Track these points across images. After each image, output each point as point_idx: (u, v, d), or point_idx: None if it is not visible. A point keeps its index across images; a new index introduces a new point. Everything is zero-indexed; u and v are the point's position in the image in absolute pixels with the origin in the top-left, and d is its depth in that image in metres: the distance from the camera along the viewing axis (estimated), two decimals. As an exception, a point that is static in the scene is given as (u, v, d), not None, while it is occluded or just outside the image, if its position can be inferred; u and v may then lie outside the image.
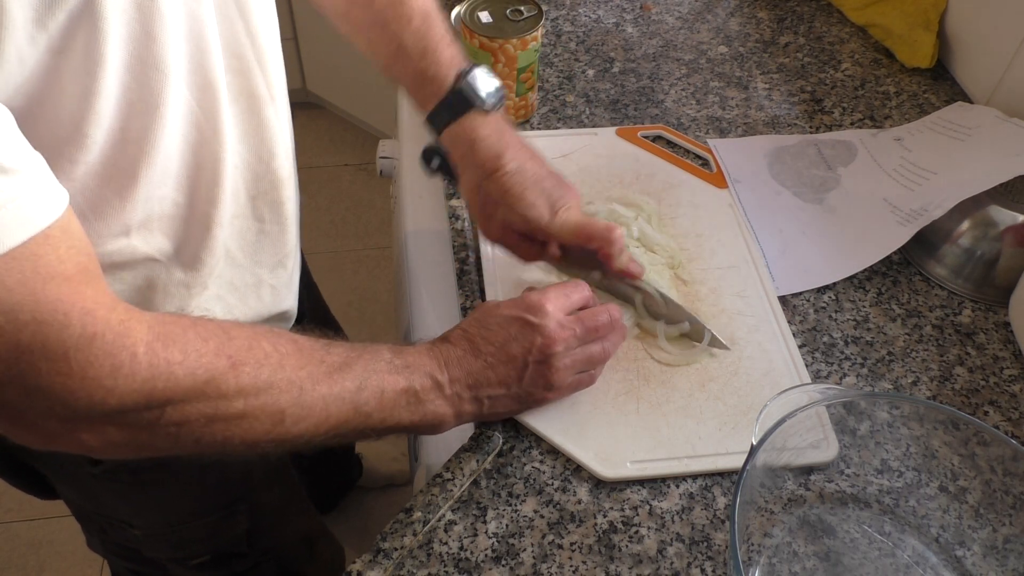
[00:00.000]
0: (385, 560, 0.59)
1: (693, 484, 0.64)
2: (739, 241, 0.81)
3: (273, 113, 0.63)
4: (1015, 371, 0.72)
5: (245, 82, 0.59)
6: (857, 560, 0.59)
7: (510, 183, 0.67)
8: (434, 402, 0.60)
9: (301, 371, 0.54)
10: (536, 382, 0.63)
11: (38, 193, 0.43)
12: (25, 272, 0.42)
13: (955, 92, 0.99)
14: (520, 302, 0.64)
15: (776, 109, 0.97)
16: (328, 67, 2.17)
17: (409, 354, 0.60)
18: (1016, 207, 0.76)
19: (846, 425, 0.63)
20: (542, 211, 0.68)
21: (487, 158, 0.68)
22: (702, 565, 0.60)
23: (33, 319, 0.43)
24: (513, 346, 0.62)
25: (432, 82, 0.69)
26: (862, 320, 0.76)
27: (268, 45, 0.61)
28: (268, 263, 0.68)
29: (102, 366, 0.45)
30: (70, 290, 0.44)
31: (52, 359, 0.44)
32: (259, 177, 0.64)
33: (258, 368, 0.52)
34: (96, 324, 0.45)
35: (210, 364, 0.49)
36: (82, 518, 0.86)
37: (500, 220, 0.70)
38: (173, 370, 0.48)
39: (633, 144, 0.90)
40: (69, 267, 0.44)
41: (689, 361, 0.70)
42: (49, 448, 0.49)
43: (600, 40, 1.06)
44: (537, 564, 0.59)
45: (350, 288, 1.94)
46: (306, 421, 0.54)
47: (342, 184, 2.18)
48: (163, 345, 0.48)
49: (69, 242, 0.45)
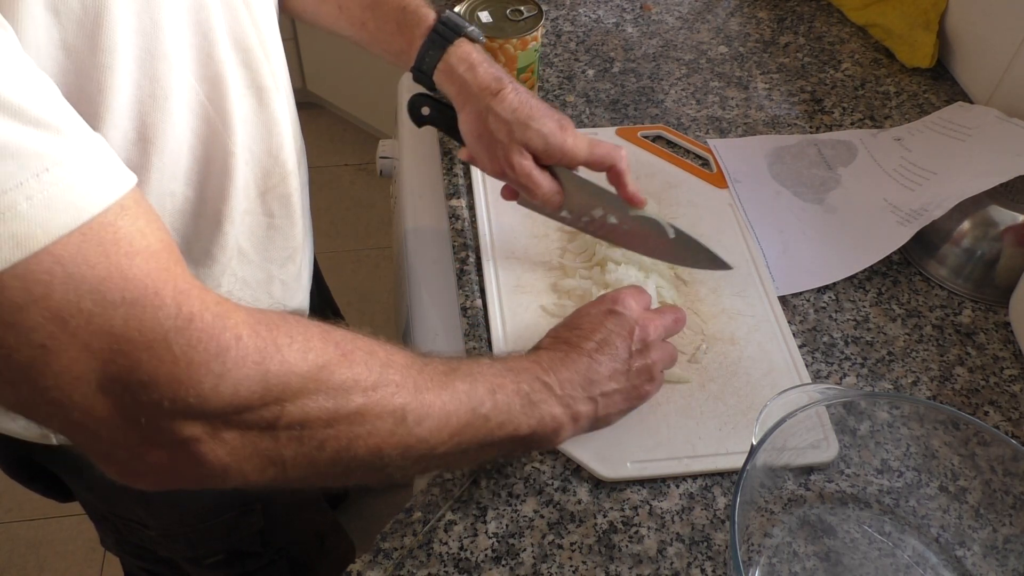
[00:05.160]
0: (385, 560, 0.59)
1: (693, 484, 0.64)
2: (739, 241, 0.81)
3: (279, 105, 0.62)
4: (1015, 371, 0.72)
5: (253, 74, 0.58)
6: (857, 560, 0.59)
7: (519, 101, 0.66)
8: (547, 402, 0.57)
9: (411, 368, 0.50)
10: (641, 373, 0.62)
11: (108, 162, 0.39)
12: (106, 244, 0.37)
13: (955, 92, 0.99)
14: (601, 300, 0.63)
15: (776, 109, 0.97)
16: (328, 67, 2.17)
17: (509, 360, 0.58)
18: (1016, 207, 0.76)
19: (846, 425, 0.63)
20: (554, 128, 0.67)
21: (489, 80, 0.66)
22: (702, 565, 0.60)
23: (123, 300, 0.38)
24: (614, 338, 0.61)
25: (415, 16, 0.68)
26: (862, 320, 0.76)
27: (270, 35, 0.60)
28: (278, 258, 0.68)
29: (207, 349, 0.40)
30: (158, 266, 0.39)
31: (151, 346, 0.38)
32: (268, 172, 0.63)
33: (369, 360, 0.47)
34: (192, 303, 0.40)
35: (320, 349, 0.45)
36: (96, 518, 0.86)
37: (514, 144, 0.67)
38: (283, 352, 0.43)
39: (633, 144, 0.90)
40: (153, 242, 0.40)
41: (682, 379, 0.69)
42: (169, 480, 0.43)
43: (600, 40, 1.05)
44: (537, 564, 0.59)
45: (350, 288, 1.94)
46: (428, 420, 0.49)
47: (342, 184, 2.18)
48: (267, 328, 0.43)
49: (147, 215, 0.41)
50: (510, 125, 0.66)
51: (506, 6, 0.86)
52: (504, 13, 0.86)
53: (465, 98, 0.68)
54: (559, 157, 0.68)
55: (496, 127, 0.67)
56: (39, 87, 0.38)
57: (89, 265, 0.37)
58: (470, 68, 0.67)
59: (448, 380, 0.52)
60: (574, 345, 0.60)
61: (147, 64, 0.48)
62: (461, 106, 0.69)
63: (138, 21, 0.47)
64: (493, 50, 0.84)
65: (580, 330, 0.61)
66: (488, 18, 0.86)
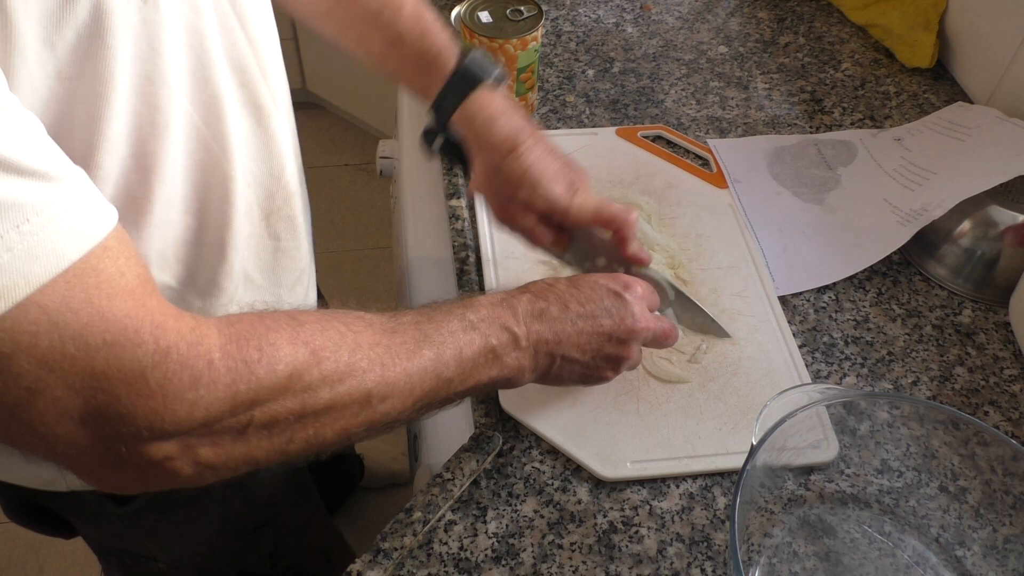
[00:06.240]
0: (385, 560, 0.59)
1: (693, 484, 0.64)
2: (739, 241, 0.81)
3: (280, 124, 0.60)
4: (1015, 371, 0.72)
5: (250, 94, 0.57)
6: (857, 560, 0.59)
7: (530, 162, 0.66)
8: (510, 354, 0.57)
9: (378, 347, 0.51)
10: (608, 359, 0.61)
11: (90, 203, 0.40)
12: (89, 290, 0.38)
13: (955, 92, 0.99)
14: (617, 277, 0.62)
15: (776, 109, 0.97)
16: (328, 67, 2.17)
17: (482, 306, 0.57)
18: (1016, 207, 0.76)
19: (846, 425, 0.63)
20: (562, 191, 0.66)
21: (504, 137, 0.66)
22: (702, 565, 0.60)
23: (104, 342, 0.39)
24: (604, 317, 0.60)
25: (435, 62, 0.67)
26: (862, 320, 0.76)
27: (269, 53, 0.59)
28: (287, 282, 0.66)
29: (181, 380, 0.42)
30: (136, 304, 0.41)
31: (130, 382, 0.40)
32: (271, 194, 0.61)
33: (337, 352, 0.49)
34: (168, 336, 0.42)
35: (289, 356, 0.46)
36: (101, 553, 0.84)
37: (521, 201, 0.67)
38: (253, 369, 0.45)
39: (633, 144, 0.90)
40: (131, 279, 0.41)
41: (682, 379, 0.70)
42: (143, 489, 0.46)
43: (600, 40, 1.05)
44: (537, 564, 0.59)
45: (350, 288, 1.94)
46: (392, 398, 0.51)
47: (342, 184, 2.18)
48: (237, 346, 0.45)
49: (127, 253, 0.41)
50: (518, 185, 0.66)
51: (506, 6, 0.86)
52: (504, 13, 0.86)
53: (479, 148, 0.68)
54: (562, 219, 0.68)
55: (504, 184, 0.67)
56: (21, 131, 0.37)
57: (73, 312, 0.38)
58: (488, 120, 0.66)
59: (416, 348, 0.53)
60: (564, 303, 0.60)
61: (146, 90, 0.47)
62: (475, 154, 0.69)
63: (135, 47, 0.45)
64: (493, 50, 0.84)
65: (579, 291, 0.61)
66: (488, 18, 0.86)
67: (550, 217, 0.68)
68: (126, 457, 0.43)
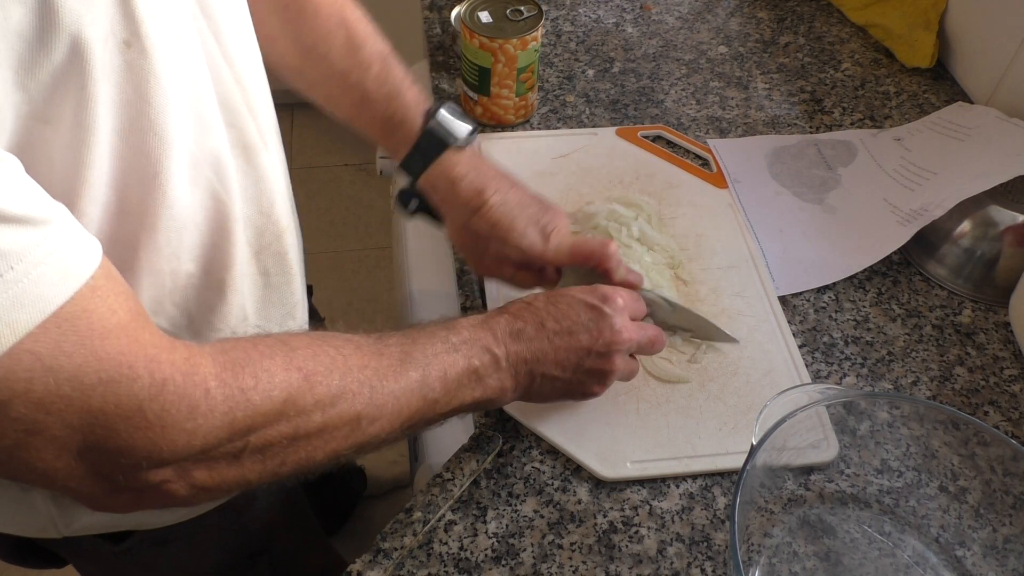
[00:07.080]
0: (385, 560, 0.59)
1: (693, 484, 0.64)
2: (739, 241, 0.81)
3: (268, 161, 0.59)
4: (1015, 371, 0.72)
5: (239, 134, 0.55)
6: (857, 560, 0.59)
7: (497, 216, 0.66)
8: (493, 376, 0.58)
9: (367, 370, 0.52)
10: (592, 373, 0.61)
11: (74, 242, 0.39)
12: (81, 332, 0.38)
13: (955, 92, 0.99)
14: (595, 290, 0.62)
15: (776, 109, 0.97)
16: (328, 67, 2.17)
17: (464, 328, 0.58)
18: (1016, 207, 0.76)
19: (846, 425, 0.63)
20: (534, 239, 0.67)
21: (470, 195, 0.67)
22: (702, 565, 0.60)
23: (100, 380, 0.39)
24: (580, 332, 0.60)
25: (401, 127, 0.68)
26: (862, 320, 0.76)
27: (256, 90, 0.57)
28: (276, 316, 0.66)
29: (179, 410, 0.43)
30: (129, 340, 0.41)
31: (127, 416, 0.41)
32: (261, 231, 0.61)
33: (329, 376, 0.50)
34: (163, 369, 0.42)
35: (284, 382, 0.47)
36: None
37: (493, 255, 0.69)
38: (249, 397, 0.46)
39: (633, 144, 0.90)
40: (123, 316, 0.41)
41: (682, 379, 0.70)
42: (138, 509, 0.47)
43: (600, 40, 1.06)
44: (537, 564, 0.59)
45: (350, 288, 1.94)
46: (381, 420, 0.53)
47: (342, 184, 2.18)
48: (232, 374, 0.45)
49: (116, 288, 0.41)
50: (488, 241, 0.68)
51: (506, 6, 0.86)
52: (504, 13, 0.86)
53: (447, 209, 0.70)
54: (539, 264, 0.69)
55: (475, 241, 0.69)
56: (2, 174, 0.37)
57: (66, 355, 0.38)
58: (451, 183, 0.67)
59: (402, 369, 0.54)
60: (540, 321, 0.60)
61: (132, 138, 0.45)
62: (444, 215, 0.70)
63: (120, 94, 0.43)
64: (493, 50, 0.84)
65: (555, 308, 0.61)
66: (488, 18, 0.86)
67: (531, 262, 0.69)
68: (124, 483, 0.44)
